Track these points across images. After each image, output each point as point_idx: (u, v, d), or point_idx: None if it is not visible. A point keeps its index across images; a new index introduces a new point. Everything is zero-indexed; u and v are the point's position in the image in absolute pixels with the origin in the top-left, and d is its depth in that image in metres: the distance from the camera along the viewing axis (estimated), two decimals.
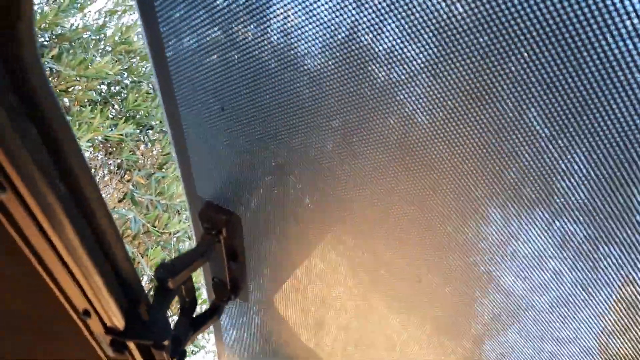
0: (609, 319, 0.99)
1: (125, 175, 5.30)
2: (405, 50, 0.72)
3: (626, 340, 1.00)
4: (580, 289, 0.96)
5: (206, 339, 5.61)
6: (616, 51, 0.61)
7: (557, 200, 0.83)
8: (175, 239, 5.25)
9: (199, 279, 3.98)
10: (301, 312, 1.44)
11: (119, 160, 5.14)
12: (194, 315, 1.33)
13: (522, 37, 0.64)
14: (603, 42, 0.61)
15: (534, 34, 0.63)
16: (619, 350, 1.04)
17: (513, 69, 0.68)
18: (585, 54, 0.62)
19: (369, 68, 0.77)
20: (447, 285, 1.09)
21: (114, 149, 5.19)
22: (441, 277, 1.08)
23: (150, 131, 5.53)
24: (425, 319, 1.22)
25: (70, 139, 0.67)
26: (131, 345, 1.06)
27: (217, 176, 1.09)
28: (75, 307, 0.96)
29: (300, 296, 1.38)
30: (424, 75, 0.74)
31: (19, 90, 0.59)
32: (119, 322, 0.99)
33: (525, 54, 0.66)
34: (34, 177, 0.65)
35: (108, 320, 0.99)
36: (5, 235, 0.75)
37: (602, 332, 1.01)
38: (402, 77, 0.76)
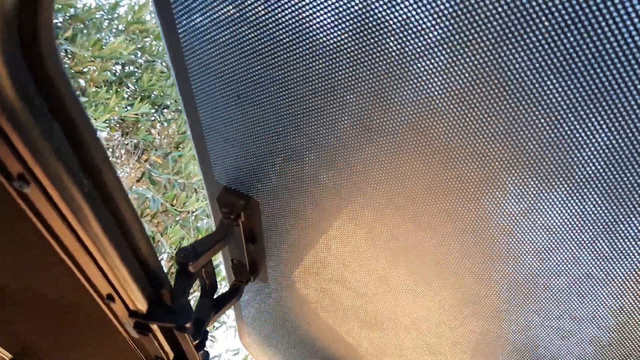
0: (628, 296, 0.99)
1: (143, 155, 5.35)
2: (421, 22, 0.71)
3: None
4: (600, 262, 0.95)
5: (227, 315, 5.71)
6: (636, 20, 0.60)
7: (577, 172, 0.82)
8: (193, 217, 5.31)
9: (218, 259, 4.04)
10: (320, 292, 1.46)
11: (135, 140, 5.19)
12: (215, 297, 1.35)
13: (541, 9, 0.64)
14: (622, 12, 0.60)
15: (553, 5, 0.63)
16: (636, 328, 1.04)
17: (533, 39, 0.67)
18: (604, 24, 0.62)
19: (385, 45, 0.76)
20: (466, 263, 1.10)
21: (130, 129, 5.23)
22: (460, 256, 1.08)
23: (165, 110, 5.56)
24: (444, 299, 1.23)
25: (92, 135, 0.68)
26: (154, 327, 1.09)
27: (234, 161, 1.10)
28: (99, 292, 0.98)
29: (318, 277, 1.40)
30: (440, 49, 0.73)
31: (43, 90, 0.60)
32: (142, 305, 1.02)
33: (545, 25, 0.65)
34: (57, 171, 0.67)
35: (131, 304, 1.02)
36: (31, 226, 0.77)
37: (620, 309, 1.02)
38: (418, 50, 0.75)
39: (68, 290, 1.01)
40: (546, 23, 0.65)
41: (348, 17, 0.74)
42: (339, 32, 0.77)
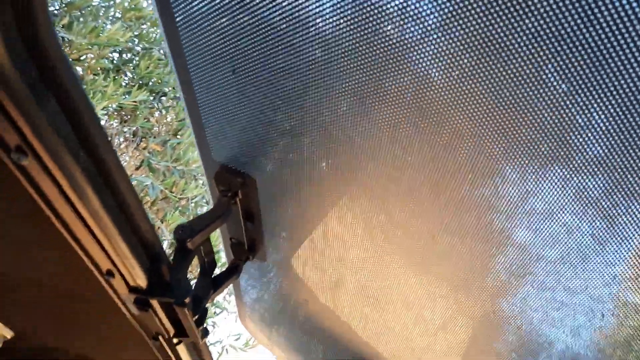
0: (622, 270, 1.00)
1: (141, 143, 5.35)
2: (419, 6, 0.72)
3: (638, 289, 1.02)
4: (597, 244, 0.97)
5: (227, 301, 5.74)
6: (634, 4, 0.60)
7: (575, 156, 0.83)
8: (193, 204, 5.33)
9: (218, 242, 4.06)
10: (318, 271, 1.48)
11: (134, 128, 5.18)
12: (214, 276, 1.37)
13: None
14: None
15: None
16: (630, 298, 1.06)
17: (529, 23, 0.67)
18: (603, 7, 0.62)
19: (382, 24, 0.77)
20: (462, 242, 1.11)
21: (129, 117, 5.22)
22: (456, 234, 1.10)
23: (163, 98, 5.55)
24: (440, 276, 1.25)
25: (88, 108, 0.69)
26: (154, 303, 1.11)
27: (231, 140, 1.11)
28: (99, 268, 1.00)
29: (317, 256, 1.41)
30: (438, 32, 0.74)
31: (39, 64, 0.61)
32: (142, 281, 1.04)
33: (543, 8, 0.65)
34: (54, 143, 0.68)
35: (131, 280, 1.03)
36: (30, 201, 0.78)
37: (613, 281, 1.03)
38: (416, 34, 0.76)
39: (68, 267, 1.02)
40: (544, 3, 0.65)
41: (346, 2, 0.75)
42: (336, 17, 0.78)
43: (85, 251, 0.93)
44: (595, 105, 0.74)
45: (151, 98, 5.31)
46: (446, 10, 0.71)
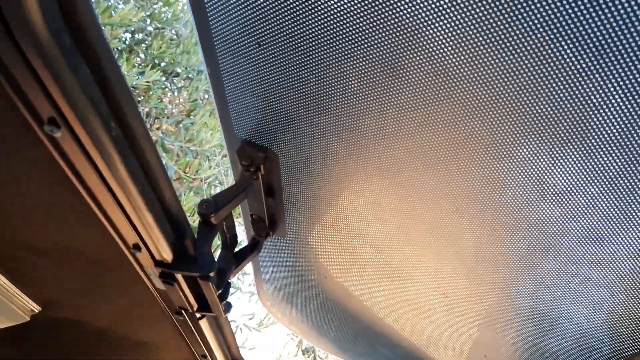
0: None
1: (154, 123, 5.36)
2: None
3: None
4: (616, 222, 0.96)
5: (241, 281, 5.79)
6: None
7: (592, 135, 0.83)
8: (206, 184, 5.35)
9: None
10: (337, 245, 1.48)
11: (147, 109, 5.20)
12: (235, 251, 1.38)
13: None
14: None
15: None
16: None
17: (545, 4, 0.66)
18: None
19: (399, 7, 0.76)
20: (484, 216, 1.11)
21: (142, 97, 5.23)
22: (477, 208, 1.09)
23: (176, 78, 5.55)
24: (462, 250, 1.25)
25: (120, 79, 0.69)
26: (179, 277, 1.12)
27: (255, 114, 1.11)
28: (126, 242, 1.01)
29: (336, 230, 1.42)
30: (453, 16, 0.73)
31: (73, 31, 0.61)
32: (167, 255, 1.05)
33: None
34: (87, 115, 0.68)
35: (157, 254, 1.04)
36: (60, 172, 0.79)
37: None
38: (429, 20, 0.75)
39: (95, 240, 1.03)
40: None
41: None
42: None
43: (113, 224, 0.94)
44: (611, 83, 0.73)
45: (163, 79, 5.31)
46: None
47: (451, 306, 1.48)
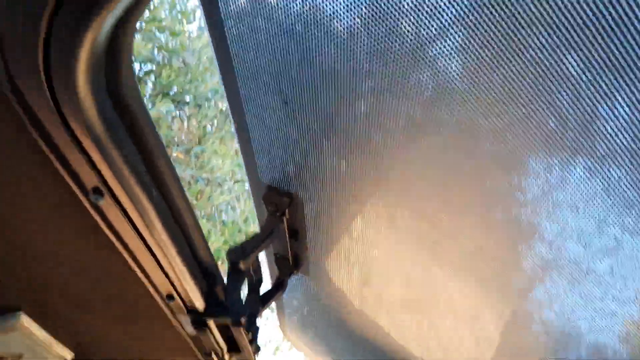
0: None
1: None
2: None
3: None
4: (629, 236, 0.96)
5: None
6: None
7: (600, 146, 0.82)
8: (217, 212, 5.38)
9: None
10: (360, 282, 1.49)
11: None
12: (261, 293, 1.39)
13: None
14: None
15: None
16: None
17: (550, 12, 0.66)
18: None
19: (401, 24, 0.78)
20: (510, 252, 1.12)
21: None
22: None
23: (185, 107, 5.61)
24: (487, 286, 1.26)
25: (161, 149, 0.72)
26: (211, 323, 1.14)
27: (279, 162, 1.13)
28: (160, 292, 1.03)
29: (359, 268, 1.43)
30: (458, 26, 0.73)
31: (118, 107, 0.64)
32: (199, 303, 1.07)
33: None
34: (130, 183, 0.70)
35: (189, 302, 1.06)
36: (102, 236, 0.81)
37: None
38: (439, 27, 0.76)
39: (131, 291, 1.05)
40: None
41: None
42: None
43: (149, 277, 0.96)
44: (618, 94, 0.72)
45: (173, 107, 5.37)
46: (467, 4, 0.71)
47: (479, 343, 1.48)
